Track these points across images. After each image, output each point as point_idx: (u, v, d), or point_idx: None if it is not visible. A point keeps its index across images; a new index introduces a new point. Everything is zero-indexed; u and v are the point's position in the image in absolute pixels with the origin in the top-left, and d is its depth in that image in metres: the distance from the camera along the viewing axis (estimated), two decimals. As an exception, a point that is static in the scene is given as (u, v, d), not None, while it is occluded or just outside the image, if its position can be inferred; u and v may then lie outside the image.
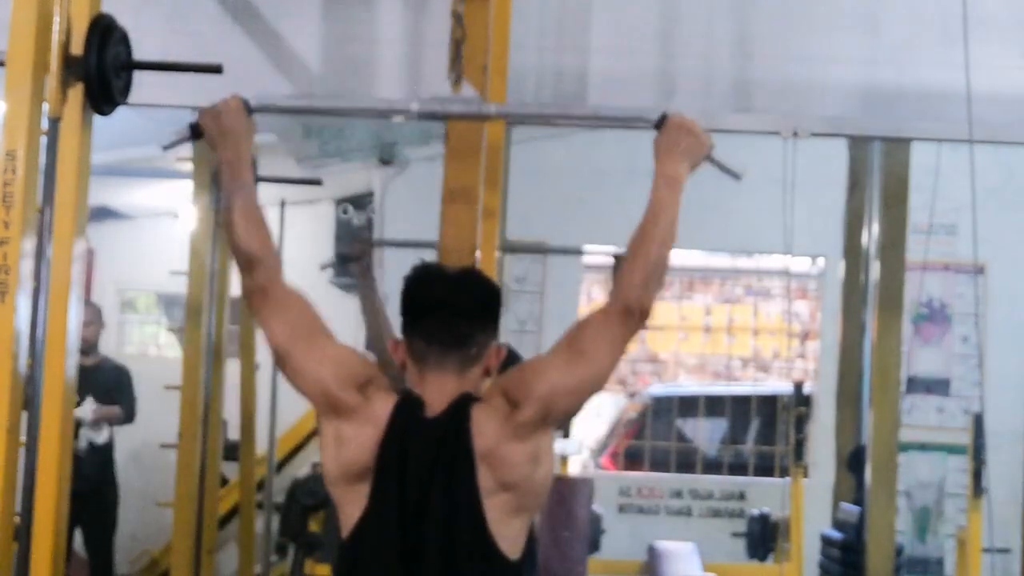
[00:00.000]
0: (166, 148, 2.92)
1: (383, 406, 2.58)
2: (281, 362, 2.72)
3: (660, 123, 2.72)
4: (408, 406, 2.59)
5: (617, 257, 5.16)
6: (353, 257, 4.99)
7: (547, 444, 2.59)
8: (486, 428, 2.54)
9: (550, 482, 2.61)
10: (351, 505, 2.58)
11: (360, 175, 9.08)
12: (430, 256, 3.99)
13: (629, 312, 2.61)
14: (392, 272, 8.87)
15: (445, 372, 2.62)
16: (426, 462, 2.52)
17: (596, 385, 2.62)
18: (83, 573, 7.39)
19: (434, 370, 2.62)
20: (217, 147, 2.82)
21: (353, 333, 8.78)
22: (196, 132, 2.82)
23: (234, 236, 2.77)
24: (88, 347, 7.06)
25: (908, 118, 4.99)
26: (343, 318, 8.91)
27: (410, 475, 2.52)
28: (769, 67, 4.97)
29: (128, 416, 7.40)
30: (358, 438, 2.56)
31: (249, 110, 2.84)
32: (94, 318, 7.27)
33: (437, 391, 2.61)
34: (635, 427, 10.05)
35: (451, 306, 2.65)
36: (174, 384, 5.98)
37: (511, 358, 4.61)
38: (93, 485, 6.95)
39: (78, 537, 7.40)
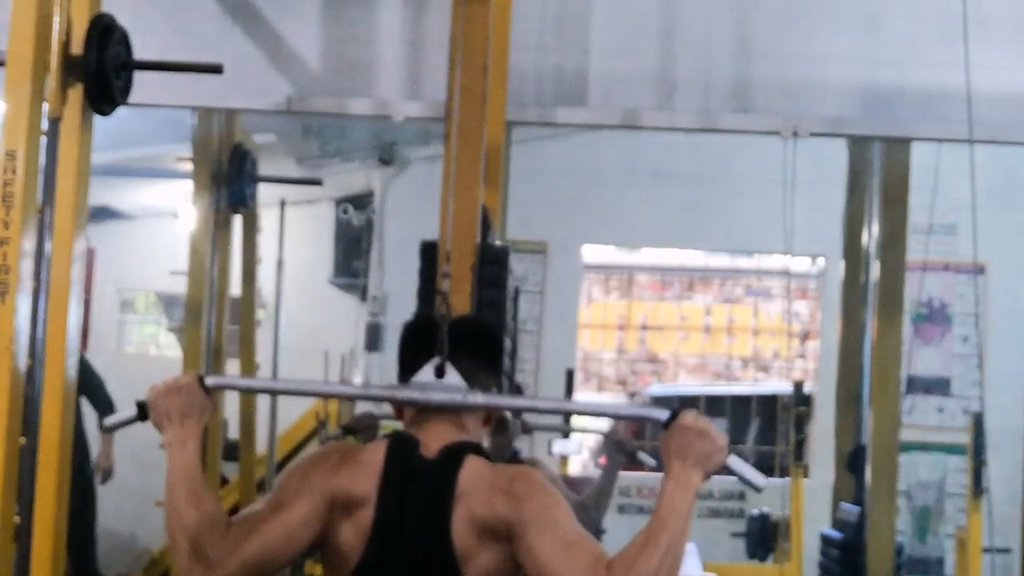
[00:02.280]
0: (106, 430, 2.67)
1: (375, 458, 2.44)
2: (291, 549, 2.48)
3: (669, 422, 2.42)
4: (400, 448, 2.46)
5: (607, 435, 5.13)
6: (358, 429, 4.99)
7: (493, 557, 2.41)
8: (470, 483, 2.41)
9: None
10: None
11: (360, 175, 9.09)
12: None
13: None
14: (392, 271, 8.90)
15: (444, 415, 2.49)
16: (419, 508, 2.41)
17: None
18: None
19: (433, 413, 2.50)
20: (163, 428, 2.51)
21: (352, 332, 8.80)
22: (142, 412, 2.51)
23: (180, 522, 2.43)
24: None
25: (908, 118, 5.00)
26: (343, 318, 8.96)
27: (406, 520, 2.41)
28: (769, 67, 4.97)
29: (105, 408, 6.86)
30: (366, 504, 2.43)
31: (205, 388, 2.54)
32: None
33: (435, 429, 2.49)
34: (635, 427, 10.05)
35: (453, 345, 2.51)
36: (174, 384, 5.96)
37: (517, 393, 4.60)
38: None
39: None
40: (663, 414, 2.41)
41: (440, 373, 2.52)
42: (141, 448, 8.19)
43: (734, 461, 2.42)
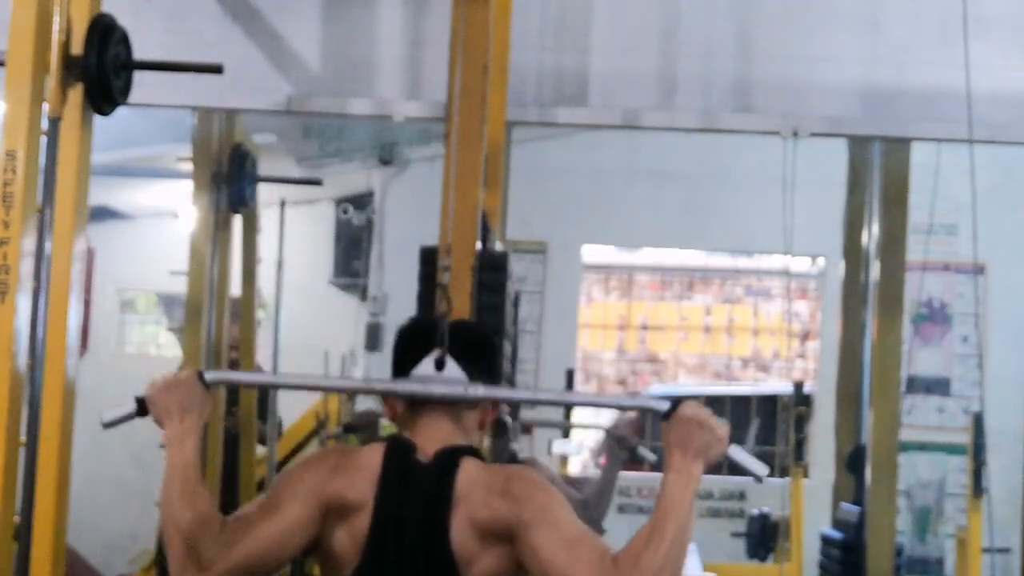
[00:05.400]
0: (106, 426, 2.56)
1: (372, 463, 2.44)
2: (285, 551, 2.47)
3: (670, 414, 2.44)
4: (397, 452, 2.46)
5: (608, 432, 5.13)
6: (358, 427, 5.00)
7: (495, 559, 2.40)
8: (467, 487, 2.41)
9: None
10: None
11: (360, 175, 9.09)
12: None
13: None
14: (392, 271, 8.89)
15: (440, 416, 2.50)
16: (416, 514, 2.41)
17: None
18: (84, 573, 7.37)
19: (429, 413, 2.50)
20: (163, 424, 2.49)
21: (352, 332, 8.79)
22: (142, 408, 2.50)
23: (173, 521, 2.42)
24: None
25: (908, 118, 4.99)
26: (343, 317, 8.95)
27: (404, 525, 2.41)
28: (769, 67, 4.97)
29: None
30: (363, 508, 2.43)
31: (204, 384, 2.52)
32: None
33: (430, 432, 2.49)
34: (635, 426, 10.03)
35: (449, 347, 2.53)
36: (174, 384, 5.94)
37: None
38: None
39: (83, 538, 7.32)
40: (663, 405, 2.45)
41: (440, 366, 2.52)
42: (141, 448, 8.21)
43: (735, 451, 2.48)
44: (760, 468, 2.52)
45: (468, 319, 3.53)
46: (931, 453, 8.77)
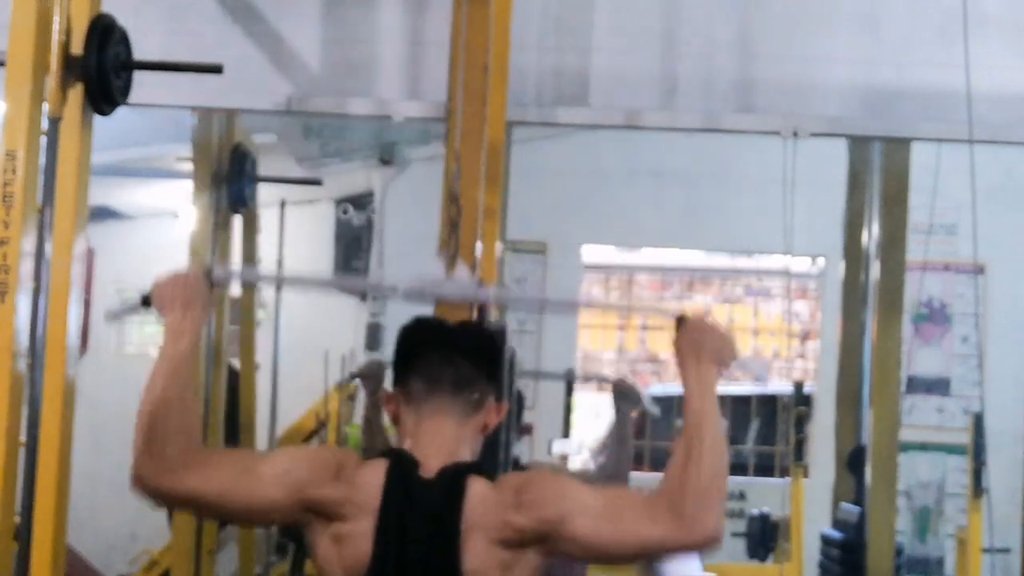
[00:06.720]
0: (110, 318, 2.72)
1: (373, 483, 2.40)
2: (241, 513, 2.47)
3: (680, 322, 2.51)
4: (400, 470, 2.42)
5: (614, 383, 5.12)
6: (365, 376, 5.02)
7: (527, 568, 2.39)
8: (479, 512, 2.37)
9: None
10: None
11: (360, 175, 9.09)
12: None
13: (680, 523, 2.33)
14: (392, 272, 8.87)
15: (444, 417, 2.47)
16: (420, 535, 2.36)
17: (605, 555, 2.39)
18: (84, 573, 7.36)
19: (432, 415, 2.48)
20: (165, 316, 2.52)
21: (352, 332, 8.80)
22: (146, 301, 2.55)
23: (155, 409, 2.42)
24: None
25: (908, 118, 5.00)
26: (343, 317, 8.95)
27: (407, 548, 2.37)
28: (769, 67, 4.97)
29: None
30: (358, 531, 2.39)
31: (210, 282, 2.60)
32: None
33: (434, 440, 2.46)
34: (635, 427, 10.04)
35: (453, 346, 2.52)
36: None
37: (519, 401, 4.61)
38: None
39: (83, 538, 7.32)
40: (674, 311, 2.55)
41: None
42: (141, 448, 8.19)
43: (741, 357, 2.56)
44: (764, 372, 2.67)
45: (471, 320, 3.51)
46: (931, 453, 8.77)
